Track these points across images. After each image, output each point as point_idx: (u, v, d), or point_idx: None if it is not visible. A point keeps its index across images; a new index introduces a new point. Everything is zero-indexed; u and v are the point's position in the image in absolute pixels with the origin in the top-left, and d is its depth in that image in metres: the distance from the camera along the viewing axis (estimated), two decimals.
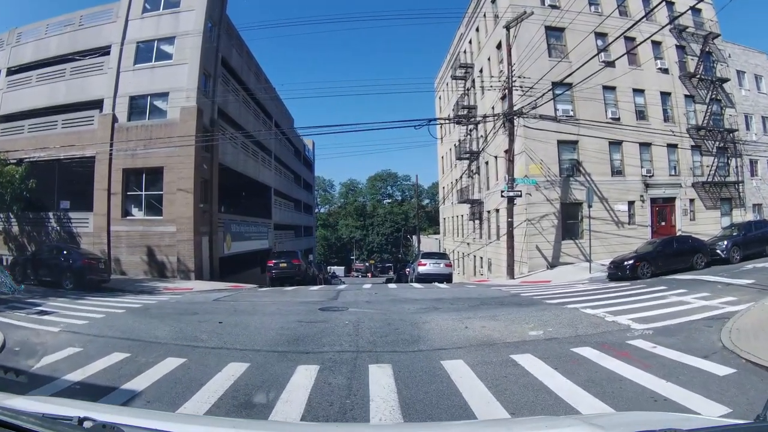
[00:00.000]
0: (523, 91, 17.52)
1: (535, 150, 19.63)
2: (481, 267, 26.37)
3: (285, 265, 19.26)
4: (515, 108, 17.44)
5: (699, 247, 16.86)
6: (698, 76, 24.32)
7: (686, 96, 24.49)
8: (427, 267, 19.45)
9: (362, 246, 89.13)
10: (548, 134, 19.75)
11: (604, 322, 8.19)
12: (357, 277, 76.80)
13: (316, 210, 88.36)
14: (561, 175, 20.39)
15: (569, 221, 20.63)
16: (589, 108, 21.21)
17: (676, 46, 24.78)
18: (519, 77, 17.63)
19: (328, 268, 68.63)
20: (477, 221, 27.16)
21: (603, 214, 21.09)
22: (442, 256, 21.35)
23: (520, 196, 17.86)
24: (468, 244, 29.17)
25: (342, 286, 15.75)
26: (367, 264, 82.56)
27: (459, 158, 29.16)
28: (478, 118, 19.39)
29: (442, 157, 38.90)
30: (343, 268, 78.35)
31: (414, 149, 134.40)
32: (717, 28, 25.62)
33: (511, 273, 17.25)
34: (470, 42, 28.64)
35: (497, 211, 23.35)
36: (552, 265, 19.60)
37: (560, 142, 20.46)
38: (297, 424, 3.48)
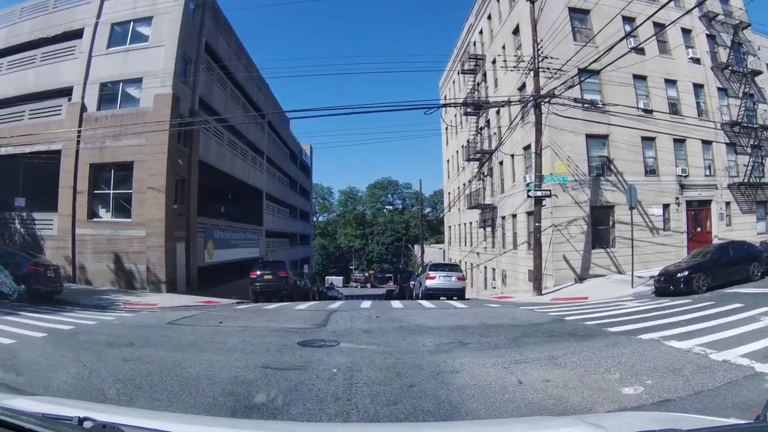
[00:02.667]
0: (551, 72, 14.96)
1: (561, 145, 17.03)
2: (494, 279, 23.64)
3: (270, 277, 16.60)
4: (542, 92, 14.84)
5: (755, 255, 14.59)
6: (730, 67, 22.07)
7: (719, 89, 22.22)
8: (436, 281, 16.73)
9: (362, 256, 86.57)
10: (576, 126, 17.22)
11: (714, 364, 5.54)
12: (356, 287, 73.96)
13: (314, 218, 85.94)
14: (590, 174, 17.79)
15: (599, 227, 17.99)
16: (620, 99, 18.64)
17: (707, 35, 22.55)
18: (545, 58, 15.09)
19: (326, 278, 65.86)
20: (488, 228, 24.48)
21: (636, 218, 18.40)
22: (453, 267, 18.60)
23: (550, 196, 15.21)
24: (478, 254, 26.47)
25: (335, 305, 12.94)
26: (366, 274, 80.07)
27: (468, 159, 26.58)
28: (499, 100, 16.64)
29: (448, 161, 36.34)
30: (341, 278, 75.87)
31: (416, 154, 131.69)
32: (746, 18, 23.46)
33: (538, 288, 14.51)
34: (481, 32, 26.22)
35: (514, 216, 20.72)
36: (581, 278, 16.91)
37: (589, 137, 17.89)
38: (297, 424, 3.33)
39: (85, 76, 19.84)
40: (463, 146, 30.20)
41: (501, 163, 22.47)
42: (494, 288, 23.28)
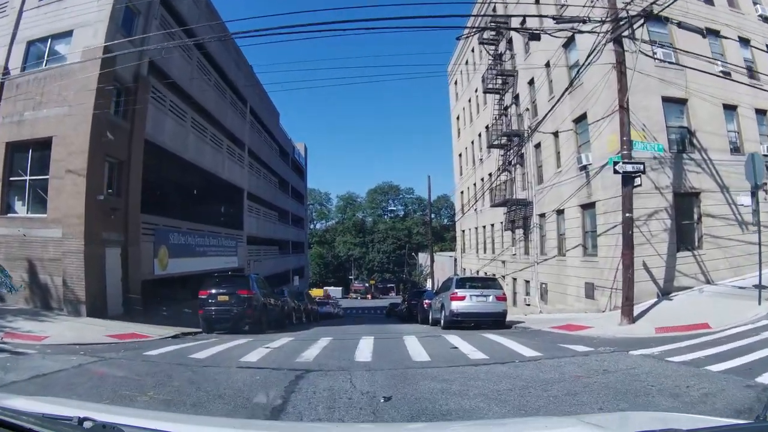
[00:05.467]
0: None
1: (634, 109, 12.34)
2: (527, 294, 18.88)
3: (226, 298, 11.87)
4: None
5: None
6: None
7: None
8: (466, 302, 11.89)
9: (361, 264, 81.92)
10: (650, 83, 12.74)
11: None
12: (356, 298, 69.00)
13: (312, 225, 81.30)
14: (670, 150, 13.21)
15: (683, 222, 13.36)
16: (694, 58, 14.23)
17: None
18: None
19: (324, 289, 61.05)
20: (519, 230, 19.80)
21: (722, 209, 13.83)
22: (489, 283, 13.40)
23: (644, 171, 10.51)
24: (503, 262, 21.72)
25: (314, 351, 7.68)
26: (367, 284, 75.60)
27: (491, 146, 21.97)
28: (565, 15, 11.65)
29: (460, 155, 31.72)
30: (340, 288, 71.43)
31: (419, 158, 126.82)
32: None
33: (628, 313, 9.57)
34: None
35: (559, 212, 16.07)
36: (664, 292, 12.19)
37: (665, 100, 13.35)
38: (297, 424, 3.36)
39: (12, 35, 15.48)
40: (480, 134, 25.68)
41: (537, 146, 17.84)
42: (528, 305, 18.52)
